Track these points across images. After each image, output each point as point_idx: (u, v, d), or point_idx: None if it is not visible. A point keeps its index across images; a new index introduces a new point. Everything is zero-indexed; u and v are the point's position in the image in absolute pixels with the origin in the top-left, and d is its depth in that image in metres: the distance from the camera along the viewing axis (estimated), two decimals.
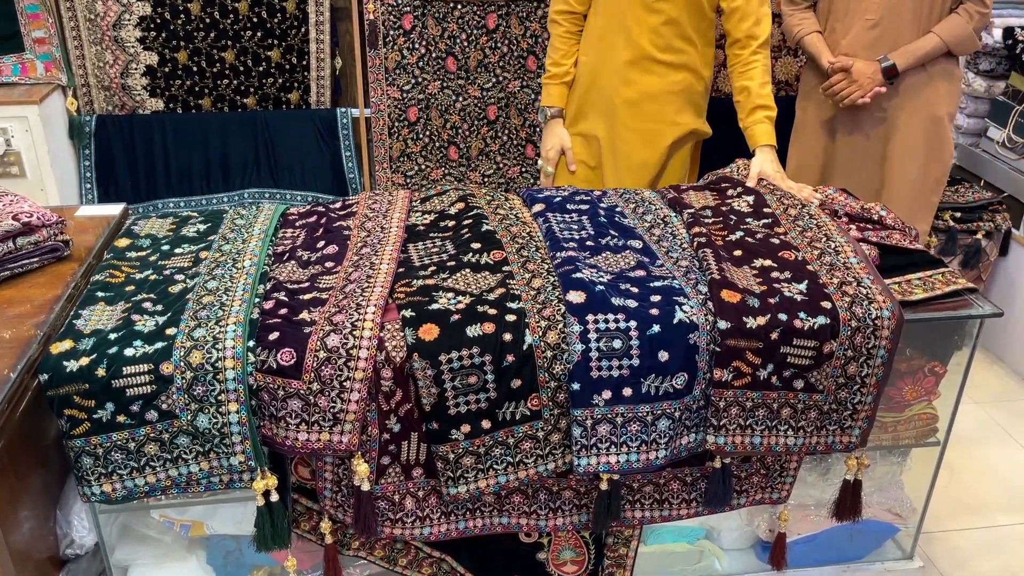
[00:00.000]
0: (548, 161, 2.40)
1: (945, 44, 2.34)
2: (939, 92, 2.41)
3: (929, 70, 2.40)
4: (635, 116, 2.34)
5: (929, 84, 2.41)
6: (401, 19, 3.17)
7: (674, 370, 1.54)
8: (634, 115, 2.33)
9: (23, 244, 1.68)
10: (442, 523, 1.66)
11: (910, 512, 1.99)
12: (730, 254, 1.75)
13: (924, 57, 2.36)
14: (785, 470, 1.77)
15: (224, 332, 1.47)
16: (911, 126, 2.44)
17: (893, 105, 2.44)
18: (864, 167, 2.53)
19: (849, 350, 1.60)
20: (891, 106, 2.44)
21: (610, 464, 1.57)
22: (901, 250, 1.85)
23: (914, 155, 2.46)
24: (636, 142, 2.36)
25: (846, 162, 2.56)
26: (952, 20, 2.34)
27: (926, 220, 2.55)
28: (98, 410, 1.43)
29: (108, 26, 3.06)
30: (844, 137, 2.55)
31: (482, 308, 1.56)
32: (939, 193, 2.54)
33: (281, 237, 1.87)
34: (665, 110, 2.35)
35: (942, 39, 2.34)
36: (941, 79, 2.41)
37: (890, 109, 2.45)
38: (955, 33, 2.33)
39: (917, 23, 2.36)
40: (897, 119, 2.45)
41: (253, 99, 3.27)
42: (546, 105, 2.40)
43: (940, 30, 2.34)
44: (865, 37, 2.40)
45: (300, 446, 1.49)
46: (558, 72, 2.37)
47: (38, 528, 1.53)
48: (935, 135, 2.44)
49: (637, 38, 2.26)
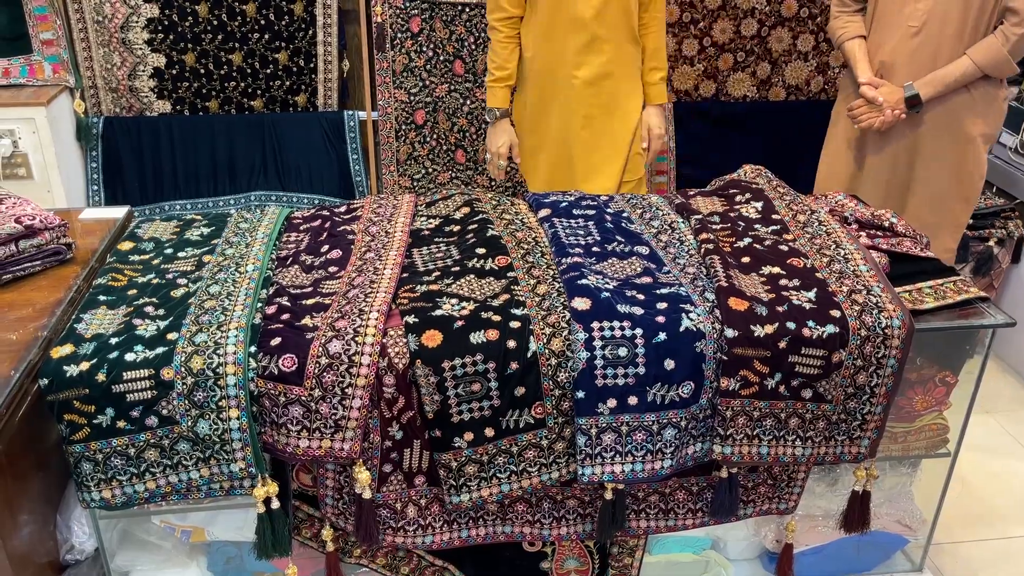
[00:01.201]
0: (501, 156, 2.54)
1: (978, 68, 2.25)
2: (975, 112, 2.33)
3: (971, 90, 2.30)
4: (596, 94, 2.44)
5: (965, 103, 2.32)
6: (409, 22, 3.16)
7: (680, 379, 1.52)
8: (595, 93, 2.44)
9: (26, 247, 1.67)
10: (445, 531, 1.64)
11: (920, 523, 1.96)
12: (738, 261, 1.73)
13: (955, 83, 2.28)
14: (793, 480, 1.75)
15: (226, 337, 1.46)
16: (941, 144, 2.37)
17: (925, 121, 2.37)
18: (892, 181, 2.48)
19: (859, 359, 1.57)
20: (923, 122, 2.37)
21: (615, 474, 1.55)
22: (912, 258, 1.83)
23: (941, 173, 2.38)
24: (604, 119, 2.48)
25: (874, 175, 2.51)
26: (987, 42, 2.24)
27: (953, 238, 2.47)
28: (98, 415, 1.42)
29: (116, 28, 3.06)
30: (874, 150, 2.50)
31: (486, 314, 1.54)
32: (967, 213, 2.46)
33: (285, 241, 1.86)
34: (621, 85, 2.47)
35: (975, 63, 2.24)
36: (980, 99, 2.31)
37: (922, 125, 2.38)
38: (989, 56, 2.23)
39: (961, 35, 2.26)
40: (928, 136, 2.38)
41: (260, 101, 3.26)
42: (494, 107, 2.50)
43: (974, 52, 2.25)
44: (907, 45, 2.33)
45: (301, 453, 1.48)
46: (503, 75, 2.46)
47: (38, 533, 1.52)
48: (965, 154, 2.36)
49: (589, 21, 2.35)
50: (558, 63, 2.42)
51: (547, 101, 2.48)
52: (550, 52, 2.41)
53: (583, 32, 2.36)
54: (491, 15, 2.43)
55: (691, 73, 3.37)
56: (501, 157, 2.53)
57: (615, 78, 2.44)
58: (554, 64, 2.42)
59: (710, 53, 3.35)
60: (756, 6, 3.29)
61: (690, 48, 3.33)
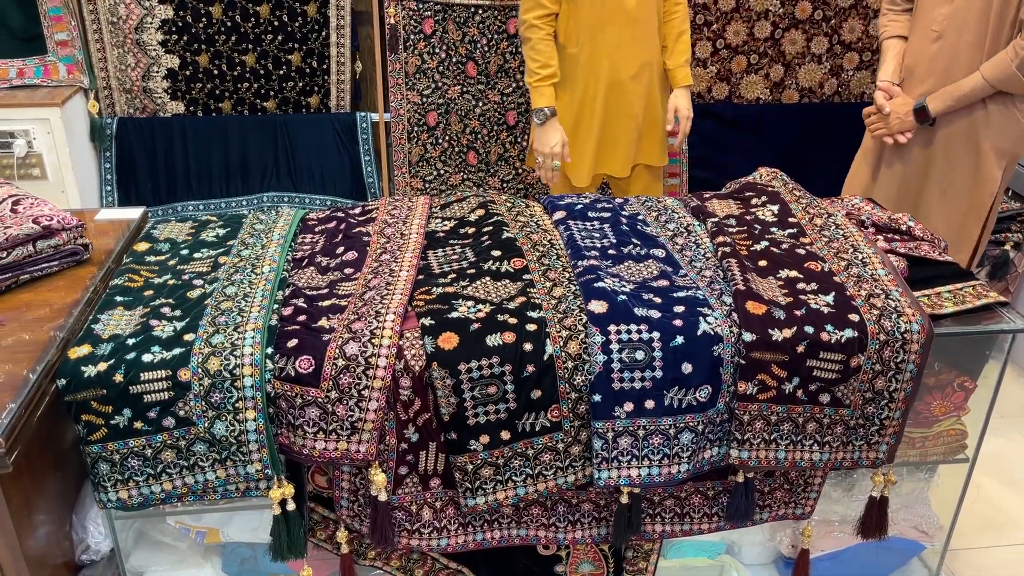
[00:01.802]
0: (556, 156, 2.50)
1: (987, 83, 2.20)
2: (990, 126, 2.28)
3: (987, 104, 2.26)
4: (640, 84, 2.54)
5: (981, 118, 2.28)
6: (422, 23, 3.16)
7: (697, 382, 1.51)
8: (639, 83, 2.54)
9: (43, 247, 1.67)
10: (459, 534, 1.64)
11: (937, 529, 1.95)
12: (755, 264, 1.72)
13: (965, 98, 2.24)
14: (809, 485, 1.74)
15: (243, 339, 1.46)
16: (954, 158, 2.34)
17: (940, 135, 2.34)
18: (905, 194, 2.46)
19: (877, 364, 1.56)
20: (937, 136, 2.35)
21: (631, 478, 1.54)
22: (930, 262, 1.81)
23: (953, 188, 2.35)
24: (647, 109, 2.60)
25: (887, 186, 2.49)
26: (998, 58, 2.19)
27: (964, 250, 2.43)
28: (115, 416, 1.42)
29: (130, 29, 3.07)
30: (889, 162, 2.48)
31: (502, 317, 1.54)
32: (977, 228, 2.40)
33: (300, 242, 1.86)
34: (656, 74, 2.59)
35: (985, 78, 2.20)
36: (996, 114, 2.27)
37: (936, 139, 2.35)
38: (998, 72, 2.19)
39: (979, 43, 2.22)
40: (941, 150, 2.35)
41: (273, 103, 3.27)
42: (543, 106, 2.48)
43: (984, 67, 2.21)
44: (928, 50, 2.30)
45: (317, 455, 1.48)
46: (549, 73, 2.47)
47: (54, 533, 1.53)
48: (978, 169, 2.32)
49: (633, 11, 2.43)
50: (605, 56, 2.47)
51: (593, 95, 2.53)
52: (597, 45, 2.46)
53: (629, 23, 2.44)
54: (529, 13, 2.44)
55: (704, 75, 3.36)
56: (556, 157, 2.50)
57: (652, 67, 2.55)
58: (601, 57, 2.47)
59: (723, 55, 3.34)
60: (770, 8, 3.29)
61: (703, 50, 3.32)
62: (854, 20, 3.37)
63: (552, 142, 2.49)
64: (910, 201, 2.46)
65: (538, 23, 2.43)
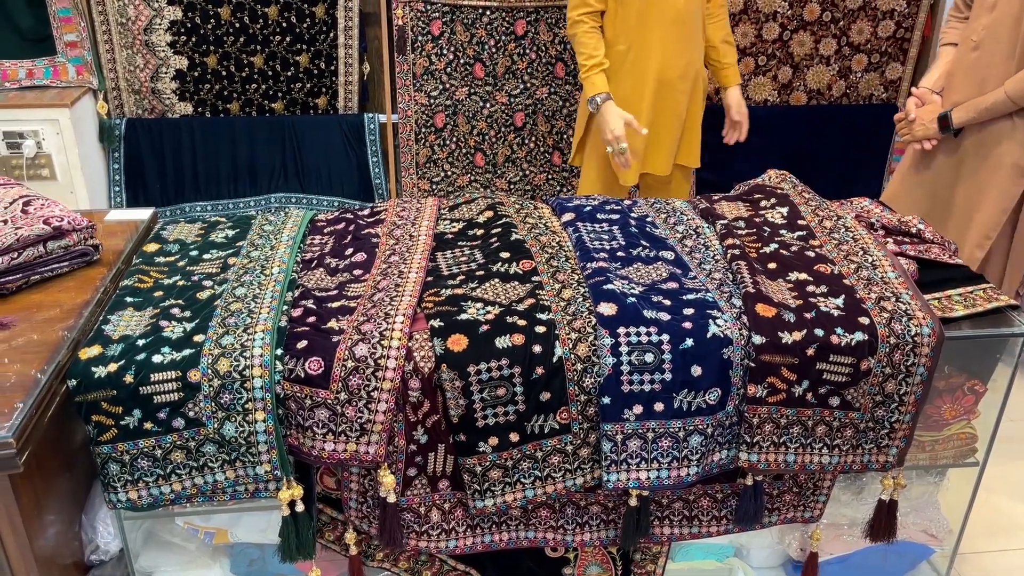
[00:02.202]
0: (619, 139, 2.45)
1: (1008, 98, 2.19)
2: (1014, 140, 2.25)
3: (1014, 118, 2.24)
4: (685, 83, 2.60)
5: (1005, 130, 2.26)
6: (430, 25, 3.16)
7: (707, 385, 1.51)
8: (685, 82, 2.60)
9: (53, 248, 1.68)
10: (468, 536, 1.64)
11: (946, 533, 1.94)
12: (764, 267, 1.72)
13: (987, 112, 2.23)
14: (818, 488, 1.73)
15: (252, 340, 1.46)
16: (976, 170, 2.32)
17: (965, 146, 2.33)
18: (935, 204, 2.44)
19: (887, 367, 1.56)
20: (962, 147, 2.34)
21: (640, 480, 1.54)
22: (940, 264, 1.81)
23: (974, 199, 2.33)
24: (691, 106, 2.67)
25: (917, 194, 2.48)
26: (1021, 75, 2.17)
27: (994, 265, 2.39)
28: (125, 417, 1.42)
29: (139, 30, 3.08)
30: (920, 169, 2.47)
31: (511, 319, 1.53)
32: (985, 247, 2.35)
33: (309, 244, 1.87)
34: (700, 73, 2.66)
35: (1006, 93, 2.19)
36: (1022, 128, 2.24)
37: (961, 150, 2.34)
38: (1019, 87, 2.17)
39: (1011, 55, 2.19)
40: (966, 161, 2.34)
41: (281, 104, 3.28)
42: (596, 92, 2.48)
43: (1008, 84, 2.19)
44: (967, 59, 2.29)
45: (326, 456, 1.48)
46: (597, 61, 2.49)
47: (63, 533, 1.53)
48: (996, 182, 2.30)
49: (682, 10, 2.49)
50: (653, 54, 2.51)
51: (640, 93, 2.56)
52: (645, 44, 2.50)
53: (677, 22, 2.48)
54: (575, 11, 2.49)
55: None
56: (620, 139, 2.44)
57: (696, 67, 2.62)
58: (649, 55, 2.51)
59: None
60: (778, 10, 3.28)
61: None
62: (863, 22, 3.36)
63: (614, 124, 2.44)
64: (939, 211, 2.44)
65: (584, 18, 2.47)
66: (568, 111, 3.37)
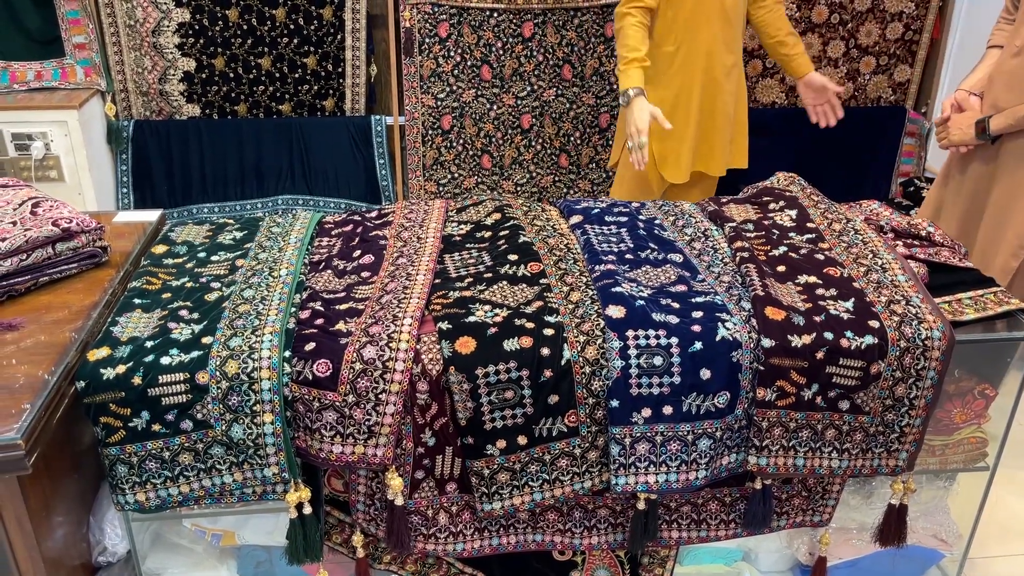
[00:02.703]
0: (642, 132, 2.41)
1: None
2: None
3: None
4: (731, 82, 2.65)
5: None
6: (437, 27, 3.16)
7: (716, 388, 1.50)
8: (730, 81, 2.65)
9: (62, 250, 1.68)
10: (475, 539, 1.63)
11: (956, 538, 1.93)
12: (773, 270, 1.71)
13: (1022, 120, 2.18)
14: (828, 492, 1.72)
15: (260, 342, 1.46)
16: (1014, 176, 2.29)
17: (1002, 153, 2.29)
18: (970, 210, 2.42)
19: (897, 371, 1.55)
20: (1000, 153, 2.32)
21: (648, 484, 1.54)
22: (951, 268, 1.80)
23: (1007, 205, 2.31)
24: (737, 106, 2.72)
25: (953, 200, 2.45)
26: None
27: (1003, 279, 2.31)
28: (134, 418, 1.42)
29: (147, 32, 3.09)
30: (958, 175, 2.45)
31: (519, 321, 1.53)
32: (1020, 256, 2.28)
33: (317, 246, 1.86)
34: (743, 73, 2.74)
35: None
36: None
37: (999, 157, 2.31)
38: None
39: None
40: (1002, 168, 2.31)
41: (288, 106, 3.28)
42: (630, 86, 2.45)
43: None
44: (1008, 64, 2.24)
45: (334, 459, 1.48)
46: (638, 56, 2.47)
47: (71, 534, 1.53)
48: None
49: (730, 11, 2.53)
50: (701, 54, 2.54)
51: (688, 93, 2.59)
52: (694, 44, 2.53)
53: (724, 23, 2.52)
54: (626, 4, 2.48)
55: None
56: (642, 133, 2.41)
57: (740, 68, 2.69)
58: (697, 55, 2.55)
59: None
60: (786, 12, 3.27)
61: None
62: (871, 24, 3.35)
63: (638, 118, 2.41)
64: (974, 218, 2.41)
65: (633, 11, 2.47)
66: (575, 113, 3.37)
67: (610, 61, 3.30)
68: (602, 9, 3.21)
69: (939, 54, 3.44)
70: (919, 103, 3.54)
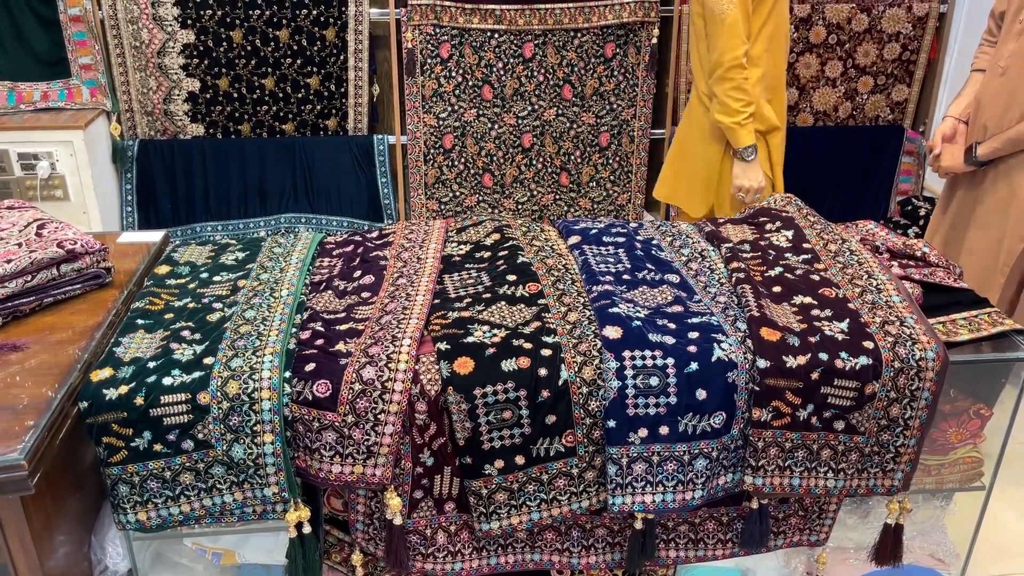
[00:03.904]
0: (760, 191, 2.56)
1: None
2: None
3: None
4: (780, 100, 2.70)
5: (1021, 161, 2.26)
6: (439, 47, 3.20)
7: (712, 409, 1.52)
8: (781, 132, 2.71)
9: (66, 271, 1.70)
10: (474, 558, 1.64)
11: (953, 557, 1.93)
12: (769, 290, 1.73)
13: (1008, 144, 2.23)
14: (824, 512, 1.73)
15: (261, 362, 1.48)
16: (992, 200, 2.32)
17: (987, 177, 2.34)
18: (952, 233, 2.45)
19: (892, 391, 1.56)
20: (985, 177, 2.34)
21: (645, 504, 1.55)
22: (945, 288, 1.81)
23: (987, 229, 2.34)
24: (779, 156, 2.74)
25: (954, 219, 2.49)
26: None
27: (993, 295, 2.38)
28: (136, 438, 1.44)
29: (152, 53, 3.13)
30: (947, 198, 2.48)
31: (517, 342, 1.55)
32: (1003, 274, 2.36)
33: (318, 266, 1.89)
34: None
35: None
36: None
37: (985, 180, 2.35)
38: None
39: None
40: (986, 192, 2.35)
41: (291, 125, 3.31)
42: (751, 144, 2.53)
43: None
44: (993, 85, 2.29)
45: (334, 478, 1.49)
46: (753, 111, 2.51)
47: (73, 553, 1.54)
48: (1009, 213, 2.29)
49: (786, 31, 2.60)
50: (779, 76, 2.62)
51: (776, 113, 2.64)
52: (775, 66, 2.58)
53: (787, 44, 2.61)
54: (732, 51, 2.39)
55: None
56: (760, 192, 2.56)
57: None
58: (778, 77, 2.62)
59: None
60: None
61: None
62: (868, 44, 3.38)
63: (760, 177, 2.56)
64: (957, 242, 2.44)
65: (743, 62, 2.42)
66: (575, 132, 3.40)
67: (610, 81, 3.33)
68: (601, 30, 3.25)
69: (936, 74, 3.47)
70: (917, 122, 3.56)
